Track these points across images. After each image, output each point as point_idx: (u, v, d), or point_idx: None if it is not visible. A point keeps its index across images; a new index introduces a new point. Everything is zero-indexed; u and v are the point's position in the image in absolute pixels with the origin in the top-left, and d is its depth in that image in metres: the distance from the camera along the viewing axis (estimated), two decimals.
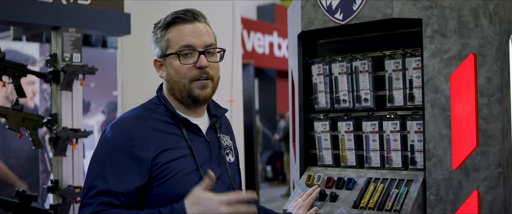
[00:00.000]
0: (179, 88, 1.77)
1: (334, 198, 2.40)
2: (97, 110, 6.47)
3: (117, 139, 1.69)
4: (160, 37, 1.80)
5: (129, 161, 1.65)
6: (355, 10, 2.39)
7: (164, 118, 1.77)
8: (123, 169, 1.65)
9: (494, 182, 2.18)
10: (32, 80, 5.80)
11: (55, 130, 3.27)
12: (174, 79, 1.77)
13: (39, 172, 5.84)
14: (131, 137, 1.67)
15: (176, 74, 1.76)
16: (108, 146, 1.70)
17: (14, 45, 5.93)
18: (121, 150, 1.66)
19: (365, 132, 2.49)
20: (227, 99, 6.02)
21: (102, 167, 1.66)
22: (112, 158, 1.66)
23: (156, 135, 1.71)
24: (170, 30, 1.78)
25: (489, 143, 2.19)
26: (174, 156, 1.71)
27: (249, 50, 10.65)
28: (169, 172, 1.68)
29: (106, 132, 1.73)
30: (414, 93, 2.36)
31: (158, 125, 1.74)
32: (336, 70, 2.57)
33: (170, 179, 1.68)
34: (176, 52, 1.75)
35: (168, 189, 1.68)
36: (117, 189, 1.63)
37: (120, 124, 1.73)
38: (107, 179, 1.63)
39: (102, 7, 3.48)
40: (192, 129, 1.80)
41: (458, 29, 2.22)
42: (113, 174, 1.64)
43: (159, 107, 1.80)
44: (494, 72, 2.20)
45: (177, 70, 1.76)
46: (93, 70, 3.38)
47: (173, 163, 1.70)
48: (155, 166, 1.67)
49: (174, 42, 1.76)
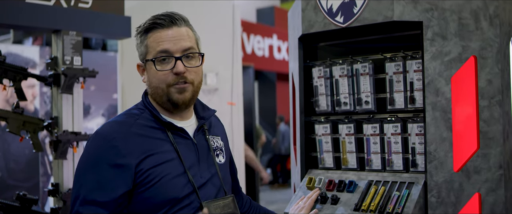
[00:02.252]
0: (158, 93, 1.78)
1: (335, 201, 2.40)
2: (97, 113, 6.48)
3: (100, 148, 1.69)
4: (140, 43, 1.81)
5: (112, 170, 1.65)
6: (356, 13, 2.40)
7: (148, 122, 1.76)
8: (107, 178, 1.65)
9: (495, 184, 2.18)
10: (32, 84, 5.80)
11: (56, 133, 3.27)
12: (154, 85, 1.78)
13: (39, 175, 5.84)
14: (113, 145, 1.67)
15: (155, 80, 1.77)
16: (92, 155, 1.70)
17: (14, 49, 5.93)
18: (104, 159, 1.67)
19: (366, 134, 2.49)
20: (228, 102, 6.02)
21: (87, 177, 1.67)
22: (95, 168, 1.67)
23: (140, 140, 1.70)
24: (149, 35, 1.78)
25: (490, 145, 2.19)
26: (159, 160, 1.70)
27: (249, 53, 10.65)
28: (155, 177, 1.68)
29: (90, 141, 1.74)
30: (415, 95, 2.36)
31: (142, 130, 1.73)
32: (337, 73, 2.58)
33: (156, 184, 1.68)
34: (152, 58, 1.75)
35: (155, 193, 1.68)
36: (102, 198, 1.63)
37: (103, 132, 1.72)
38: (92, 189, 1.64)
39: (103, 10, 3.49)
40: (178, 132, 1.79)
41: (458, 32, 2.22)
42: (98, 183, 1.65)
43: (144, 112, 1.79)
44: (494, 75, 2.20)
45: (155, 76, 1.76)
46: (93, 73, 3.38)
47: (158, 167, 1.69)
48: (139, 172, 1.67)
49: (152, 48, 1.76)
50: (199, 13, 5.85)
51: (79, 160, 1.73)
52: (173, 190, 1.69)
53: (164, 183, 1.68)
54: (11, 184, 5.65)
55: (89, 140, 1.74)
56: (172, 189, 1.69)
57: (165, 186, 1.68)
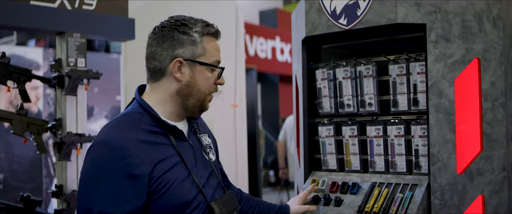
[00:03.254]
0: (197, 97, 1.77)
1: (338, 202, 2.40)
2: (100, 114, 6.49)
3: (109, 158, 1.60)
4: (196, 42, 1.75)
5: (127, 181, 1.58)
6: (359, 15, 2.40)
7: (149, 127, 1.70)
8: (123, 190, 1.58)
9: (498, 186, 2.18)
10: (35, 85, 5.82)
11: (60, 134, 3.28)
12: (198, 88, 1.76)
13: (43, 177, 5.85)
14: (124, 155, 1.59)
15: (202, 84, 1.76)
16: (101, 166, 1.60)
17: (18, 50, 5.95)
18: (116, 170, 1.59)
19: (369, 136, 2.50)
20: (231, 104, 6.03)
21: (100, 190, 1.58)
22: (108, 180, 1.58)
23: (147, 147, 1.65)
24: (206, 39, 1.77)
25: (493, 147, 2.19)
26: (167, 166, 1.67)
27: (252, 55, 10.65)
28: (166, 184, 1.65)
29: (95, 150, 1.63)
30: (418, 98, 2.36)
31: (147, 136, 1.67)
32: (340, 75, 2.58)
33: (167, 190, 1.65)
34: (212, 64, 1.77)
35: (167, 200, 1.65)
36: (117, 212, 1.57)
37: (111, 140, 1.63)
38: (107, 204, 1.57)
39: (107, 12, 3.50)
40: (178, 135, 1.77)
41: (462, 34, 2.23)
42: (112, 197, 1.57)
43: (143, 116, 1.73)
44: (498, 77, 2.20)
45: (205, 81, 1.77)
46: (97, 75, 3.39)
47: (167, 173, 1.66)
48: (152, 180, 1.63)
49: (210, 54, 1.77)
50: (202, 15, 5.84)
51: (85, 171, 1.63)
52: (183, 194, 1.68)
53: (174, 188, 1.66)
54: (14, 185, 5.66)
55: (93, 149, 1.64)
56: (182, 194, 1.68)
57: (175, 191, 1.66)
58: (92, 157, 1.63)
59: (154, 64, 1.75)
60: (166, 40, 1.74)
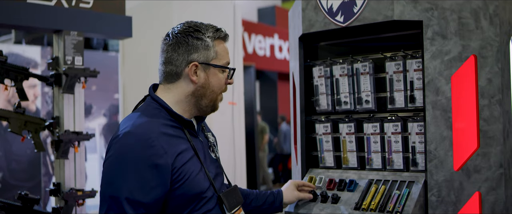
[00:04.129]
0: (210, 98, 1.89)
1: (335, 200, 2.40)
2: (98, 112, 6.49)
3: (136, 148, 1.69)
4: (209, 46, 1.86)
5: (152, 170, 1.69)
6: (356, 13, 2.40)
7: (167, 122, 1.81)
8: (148, 178, 1.68)
9: (495, 183, 2.19)
10: (33, 84, 5.81)
11: (57, 133, 3.28)
12: (212, 89, 1.88)
13: (41, 175, 5.85)
14: (150, 145, 1.70)
15: (215, 85, 1.88)
16: (128, 156, 1.69)
17: (16, 49, 5.94)
18: (143, 159, 1.68)
19: (366, 133, 2.50)
20: (229, 102, 6.03)
21: (126, 178, 1.67)
22: (135, 168, 1.68)
23: (169, 140, 1.76)
24: (217, 43, 1.89)
25: (490, 144, 2.20)
26: (185, 158, 1.78)
27: (250, 52, 10.65)
28: (185, 174, 1.76)
29: (122, 140, 1.72)
30: (415, 95, 2.37)
31: (167, 130, 1.78)
32: (337, 72, 2.58)
33: (186, 181, 1.76)
34: (224, 66, 1.89)
35: (186, 190, 1.76)
36: (146, 199, 1.67)
37: (137, 132, 1.72)
38: (134, 189, 1.66)
39: (104, 10, 3.49)
40: (191, 131, 1.89)
41: (458, 31, 2.23)
42: (139, 184, 1.67)
43: (161, 111, 1.83)
44: (494, 74, 2.21)
45: (218, 82, 1.89)
46: (95, 73, 3.39)
47: (186, 165, 1.77)
48: (174, 170, 1.73)
49: (222, 56, 1.89)
50: (200, 13, 5.85)
51: (110, 160, 1.72)
52: (199, 185, 1.80)
53: (192, 179, 1.78)
54: (13, 184, 5.66)
55: (119, 140, 1.72)
56: (198, 184, 1.79)
57: (193, 182, 1.78)
58: (118, 147, 1.72)
59: (170, 68, 1.86)
60: (181, 45, 1.85)
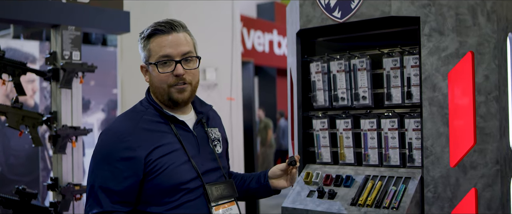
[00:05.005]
0: (160, 93, 1.94)
1: (332, 195, 2.41)
2: (97, 108, 6.48)
3: (111, 143, 1.87)
4: (143, 47, 1.96)
5: (124, 162, 1.84)
6: (353, 8, 2.40)
7: (154, 117, 1.94)
8: (120, 169, 1.84)
9: (491, 180, 2.19)
10: (32, 79, 5.80)
11: (55, 127, 3.28)
12: (156, 85, 1.94)
13: (39, 170, 5.85)
14: (123, 140, 1.85)
15: (157, 81, 1.93)
16: (104, 150, 1.88)
17: (14, 43, 5.93)
18: (116, 152, 1.85)
19: (363, 129, 2.50)
20: (227, 97, 6.03)
21: (101, 168, 1.86)
22: (109, 161, 1.85)
23: (147, 134, 1.89)
24: (151, 40, 1.93)
25: (486, 140, 2.20)
26: (165, 151, 1.88)
27: (249, 48, 10.65)
28: (162, 166, 1.86)
29: (101, 137, 1.91)
30: (412, 91, 2.37)
31: (149, 125, 1.91)
32: (335, 68, 2.58)
33: (163, 172, 1.86)
34: (155, 62, 1.91)
35: (163, 180, 1.86)
36: (116, 187, 1.83)
37: (113, 129, 1.91)
38: (107, 179, 1.84)
39: (102, 5, 3.49)
40: (179, 125, 1.96)
41: (455, 27, 2.23)
42: (111, 174, 1.84)
43: (149, 108, 1.97)
44: (491, 70, 2.21)
45: (157, 77, 1.93)
46: (92, 68, 3.38)
47: (165, 157, 1.87)
48: (148, 162, 1.85)
49: (154, 52, 1.92)
50: (199, 8, 5.84)
51: (93, 154, 1.90)
52: (178, 175, 1.87)
53: (170, 170, 1.86)
54: (11, 178, 5.66)
55: (101, 134, 1.92)
56: (178, 175, 1.87)
57: (171, 173, 1.87)
58: (98, 142, 1.91)
59: None
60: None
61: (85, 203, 1.89)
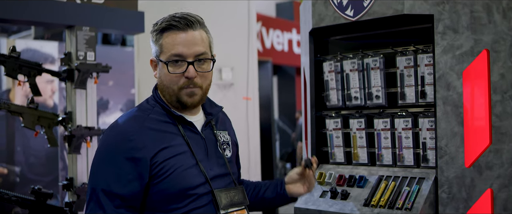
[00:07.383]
0: (168, 93, 1.82)
1: (345, 196, 2.38)
2: (115, 107, 6.52)
3: (116, 141, 1.75)
4: (155, 41, 1.83)
5: (129, 163, 1.71)
6: (366, 6, 2.37)
7: (160, 117, 1.81)
8: (125, 170, 1.71)
9: (507, 180, 2.14)
10: (51, 79, 5.85)
11: (70, 128, 3.30)
12: (165, 84, 1.81)
13: (59, 170, 5.90)
14: (129, 139, 1.73)
15: (166, 80, 1.80)
16: (108, 148, 1.76)
17: (34, 44, 5.99)
18: (121, 152, 1.72)
19: (376, 129, 2.47)
20: (243, 97, 6.01)
21: (105, 169, 1.73)
22: (113, 160, 1.73)
23: (153, 134, 1.76)
24: (164, 35, 1.80)
25: (502, 140, 2.15)
26: (172, 153, 1.75)
27: (268, 47, 10.62)
28: (169, 169, 1.73)
29: (105, 134, 1.80)
30: (426, 90, 2.33)
31: (155, 125, 1.78)
32: (348, 67, 2.55)
33: (170, 175, 1.73)
34: (166, 61, 1.78)
35: (169, 184, 1.73)
36: (121, 191, 1.70)
37: (118, 126, 1.78)
38: (111, 181, 1.71)
39: (116, 5, 3.50)
40: (187, 126, 1.84)
41: (470, 25, 2.18)
42: (116, 176, 1.71)
43: (156, 106, 1.84)
44: (507, 69, 2.16)
45: (166, 77, 1.80)
46: (107, 68, 3.39)
47: (171, 160, 1.74)
48: (154, 164, 1.72)
49: (166, 49, 1.78)
50: (215, 7, 5.83)
51: (96, 152, 1.78)
52: (186, 180, 1.75)
53: (177, 174, 1.74)
54: (31, 178, 5.72)
55: (104, 133, 1.80)
56: (185, 180, 1.75)
57: (178, 177, 1.74)
58: (102, 140, 1.81)
59: None
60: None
61: (85, 207, 1.75)
